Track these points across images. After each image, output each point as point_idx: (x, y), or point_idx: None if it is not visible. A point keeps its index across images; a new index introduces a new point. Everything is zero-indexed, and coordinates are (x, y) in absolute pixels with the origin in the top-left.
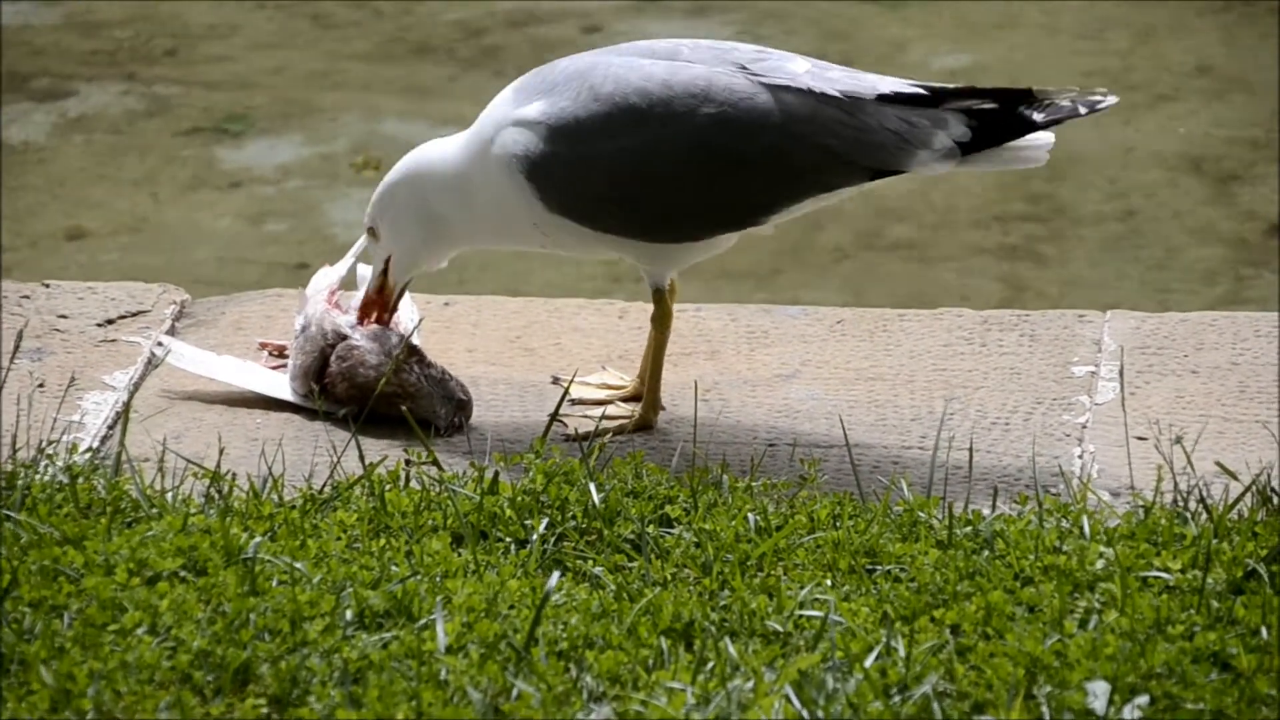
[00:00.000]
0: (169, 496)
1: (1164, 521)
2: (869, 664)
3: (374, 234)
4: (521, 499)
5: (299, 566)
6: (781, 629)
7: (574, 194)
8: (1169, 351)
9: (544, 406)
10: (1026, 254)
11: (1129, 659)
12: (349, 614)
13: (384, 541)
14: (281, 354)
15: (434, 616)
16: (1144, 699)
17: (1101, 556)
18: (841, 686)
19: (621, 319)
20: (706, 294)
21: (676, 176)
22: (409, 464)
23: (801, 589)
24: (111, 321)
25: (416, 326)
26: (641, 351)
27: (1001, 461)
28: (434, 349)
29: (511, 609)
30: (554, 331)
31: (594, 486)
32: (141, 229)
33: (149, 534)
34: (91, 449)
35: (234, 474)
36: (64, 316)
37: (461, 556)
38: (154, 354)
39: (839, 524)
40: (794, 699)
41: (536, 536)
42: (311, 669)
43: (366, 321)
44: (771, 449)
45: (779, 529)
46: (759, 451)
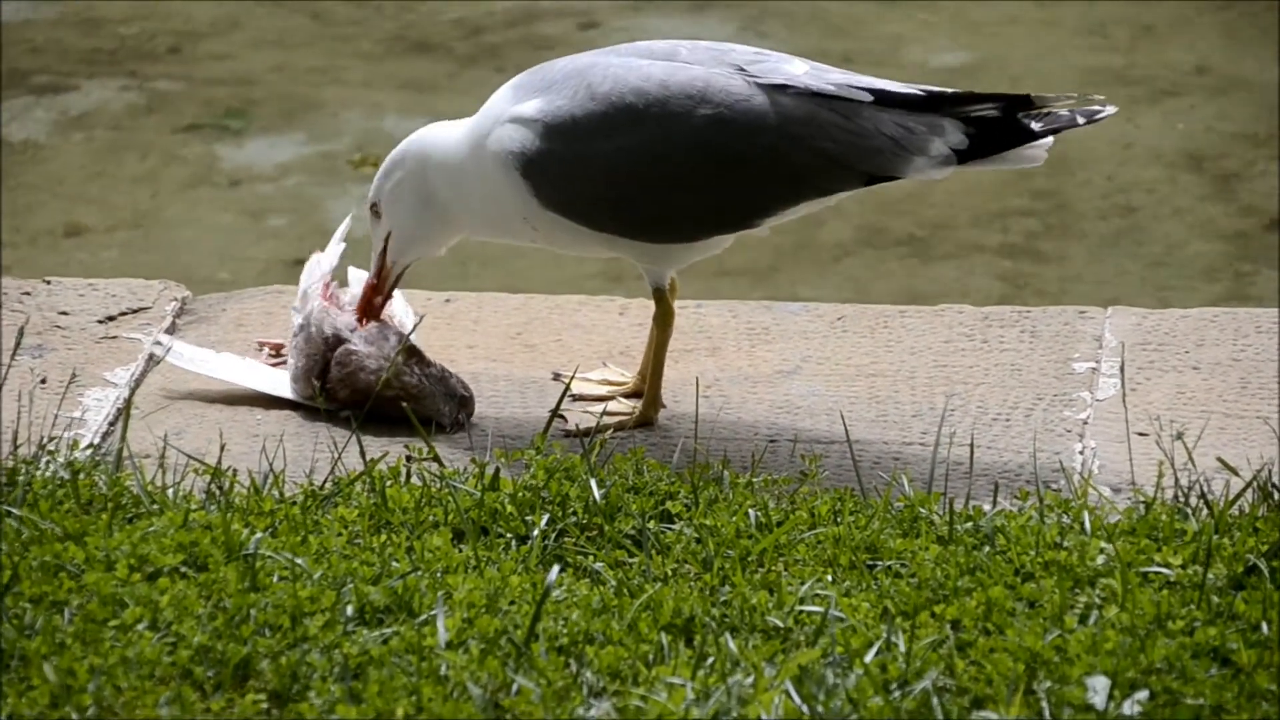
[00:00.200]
0: (170, 492)
1: (1165, 517)
2: (869, 659)
3: (376, 212)
4: (522, 495)
5: (300, 562)
6: (782, 624)
7: (569, 192)
8: (1170, 348)
9: (545, 403)
10: (1027, 250)
11: (1129, 654)
12: (350, 610)
13: (385, 537)
14: (279, 352)
15: (434, 612)
16: (1144, 694)
17: (1102, 552)
18: (842, 682)
19: (622, 315)
20: (707, 291)
21: (672, 177)
22: (410, 460)
23: (802, 584)
24: (112, 318)
25: (415, 327)
26: (642, 348)
27: (1002, 457)
28: (435, 345)
29: (512, 605)
30: (555, 328)
31: (595, 482)
32: (142, 226)
33: (150, 530)
34: (93, 445)
35: (235, 470)
36: (65, 313)
37: (462, 552)
38: (154, 354)
39: (840, 520)
40: (794, 694)
41: (537, 532)
42: (312, 664)
43: (365, 322)
44: (772, 445)
45: (780, 525)
46: (760, 447)
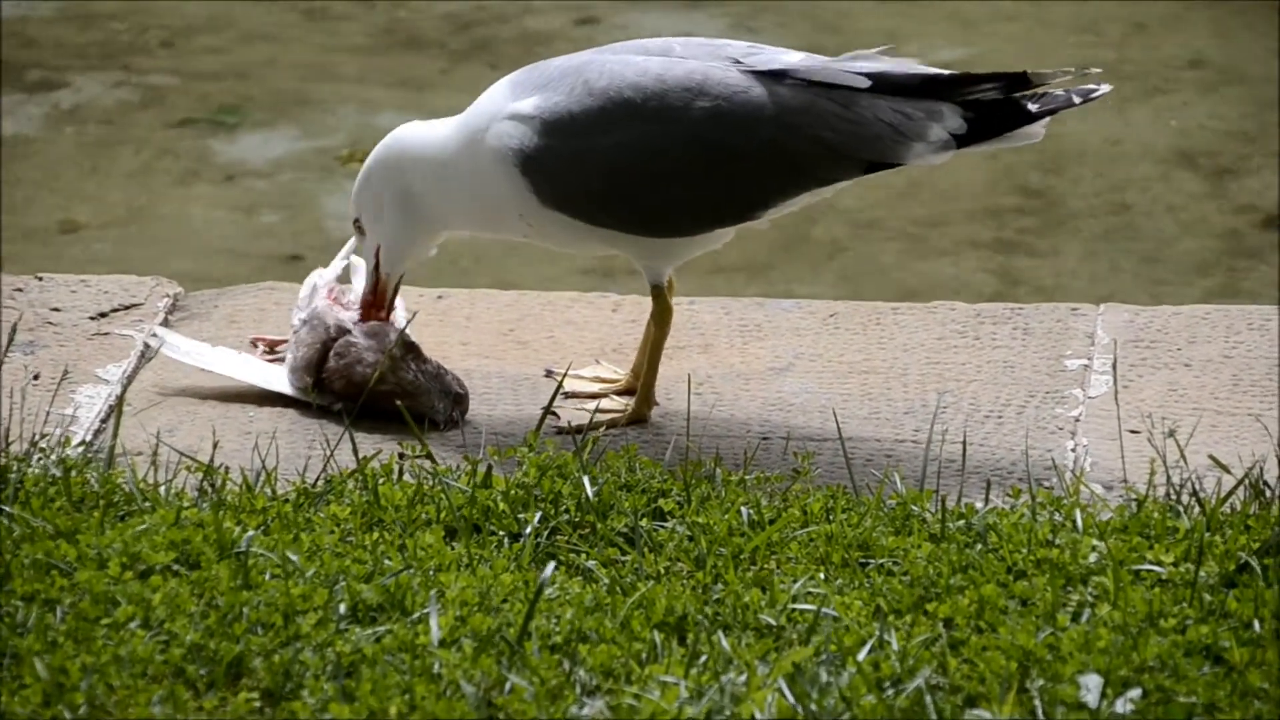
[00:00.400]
0: (162, 490)
1: (1156, 515)
2: (862, 657)
3: (359, 228)
4: (515, 492)
5: (292, 560)
6: (774, 622)
7: (568, 189)
8: (1162, 345)
9: (537, 400)
10: (1020, 247)
11: (1121, 652)
12: (342, 608)
13: (377, 535)
14: (274, 349)
15: (427, 610)
16: (1136, 692)
17: (1094, 550)
18: (834, 680)
19: (615, 312)
20: (700, 287)
21: (671, 171)
22: (403, 457)
23: (794, 582)
24: (104, 315)
25: (409, 322)
26: (635, 345)
27: (994, 455)
28: (427, 342)
29: (505, 603)
30: (547, 325)
31: (587, 480)
32: (135, 222)
33: (142, 527)
34: (84, 442)
35: (227, 467)
36: (57, 310)
37: (455, 550)
38: (148, 345)
39: (832, 517)
40: (787, 692)
41: (530, 530)
42: (304, 663)
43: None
44: (765, 442)
45: (772, 522)
46: (752, 445)
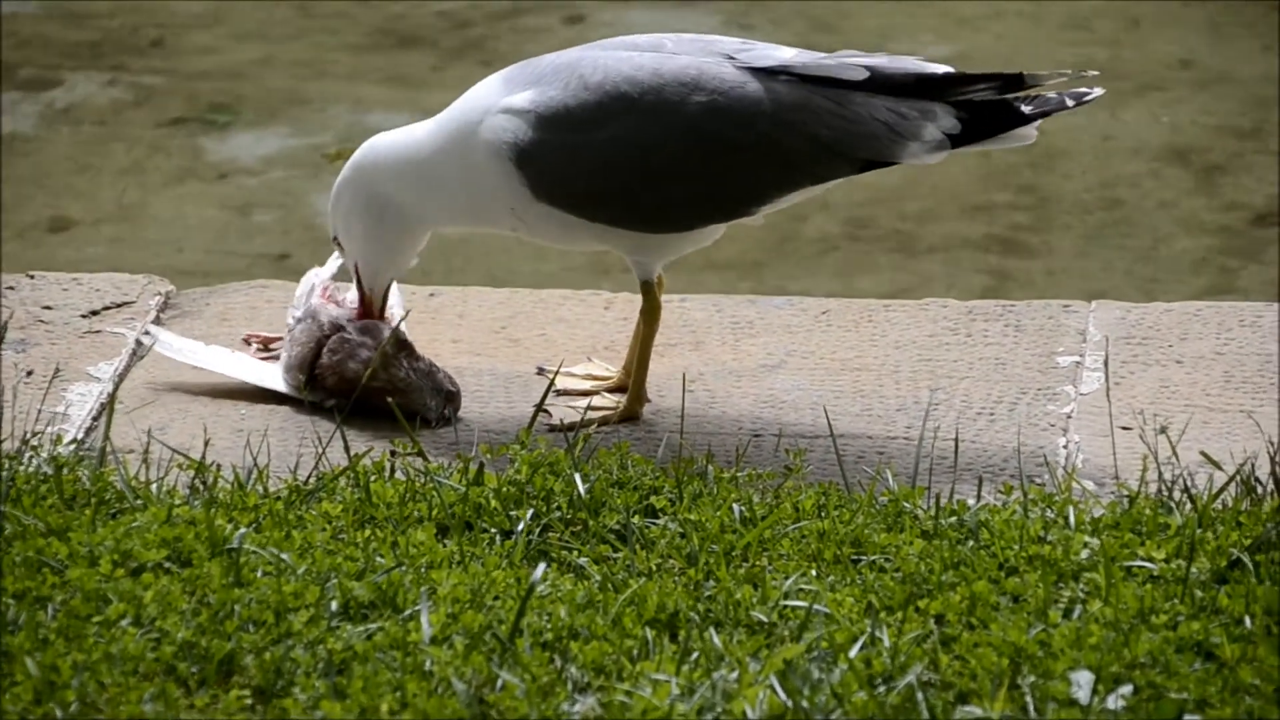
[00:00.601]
0: (154, 488)
1: (1148, 511)
2: (854, 654)
3: (339, 245)
4: (507, 490)
5: (284, 557)
6: (766, 619)
7: (564, 183)
8: (1154, 341)
9: (529, 397)
10: (1012, 244)
11: (1113, 649)
12: (334, 605)
13: (369, 533)
14: (267, 347)
15: (419, 607)
16: (1128, 688)
17: (1086, 546)
18: (826, 677)
19: (607, 310)
20: (692, 285)
21: (667, 166)
22: (394, 455)
23: (786, 579)
24: (96, 313)
25: (401, 320)
26: (627, 342)
27: (986, 452)
28: (419, 340)
29: (496, 600)
30: (539, 322)
31: (579, 477)
32: (127, 220)
33: (133, 525)
34: (76, 440)
35: (219, 465)
36: (49, 308)
37: (446, 547)
38: (140, 343)
39: (824, 514)
40: (779, 689)
41: (522, 527)
42: (296, 660)
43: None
44: (757, 439)
45: (764, 519)
46: (744, 442)
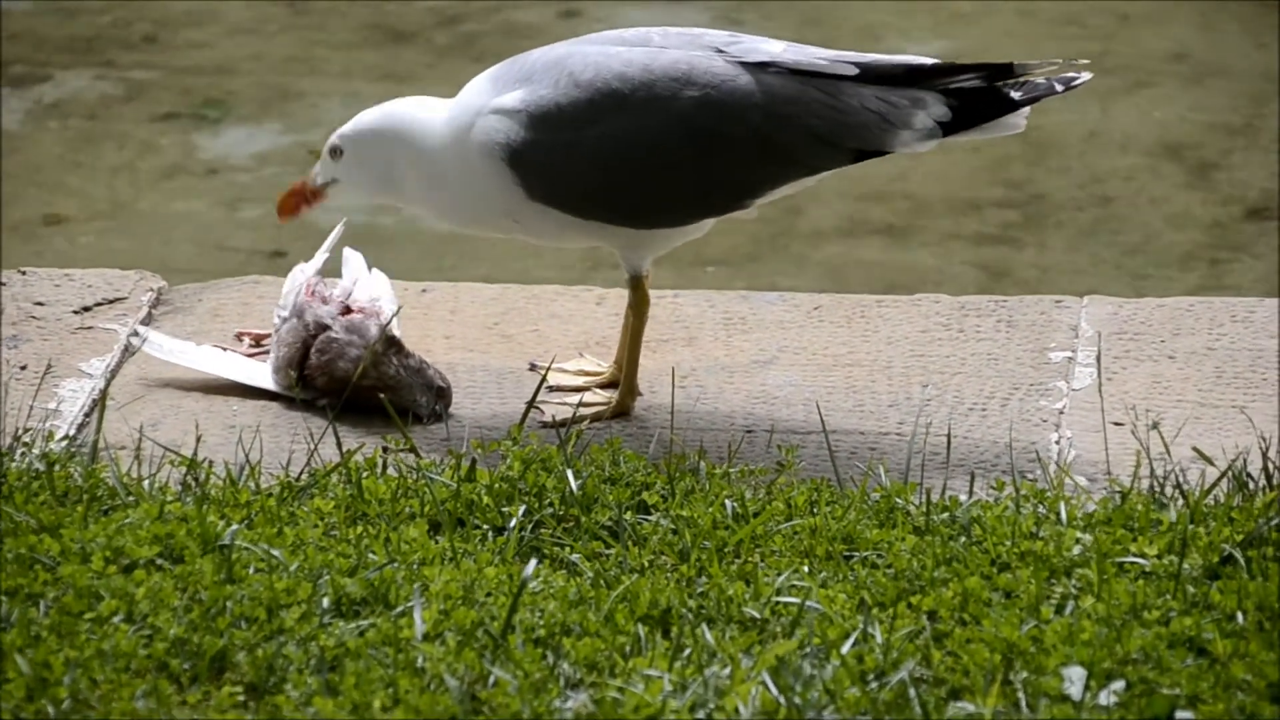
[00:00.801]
0: (146, 484)
1: (1140, 507)
2: (846, 650)
3: (336, 154)
4: (499, 486)
5: (276, 554)
6: (758, 615)
7: (556, 182)
8: (1146, 337)
9: (521, 393)
10: (1004, 240)
11: (1105, 644)
12: (326, 602)
13: (361, 529)
14: (259, 343)
15: (411, 604)
16: (1120, 684)
17: (1078, 542)
18: (818, 673)
19: (599, 305)
20: (684, 280)
21: (660, 161)
22: (386, 451)
23: (779, 575)
24: (88, 309)
25: (394, 316)
26: (619, 337)
27: (978, 447)
28: (412, 336)
29: (489, 596)
30: (532, 318)
31: (571, 473)
32: (118, 216)
33: (125, 522)
34: (68, 436)
35: (211, 461)
36: (40, 304)
37: (439, 544)
38: (130, 343)
39: (816, 510)
40: (771, 686)
41: (514, 524)
42: (288, 657)
43: (283, 217)
44: (749, 435)
45: (756, 515)
46: (736, 438)
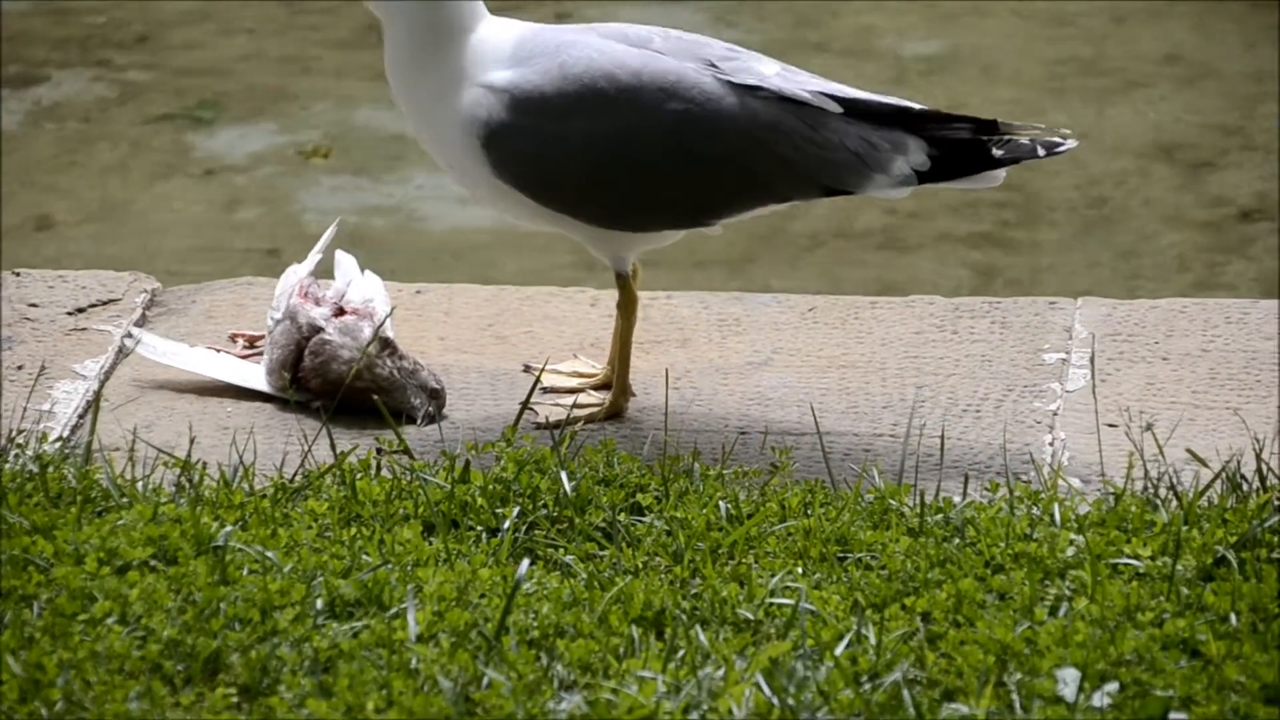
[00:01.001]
0: (139, 485)
1: (1134, 508)
2: (840, 652)
3: None
4: (493, 487)
5: (269, 555)
6: (752, 617)
7: (526, 167)
8: (1140, 338)
9: (515, 395)
10: (998, 241)
11: (1099, 646)
12: (320, 603)
13: (355, 530)
14: (253, 344)
15: (405, 605)
16: (1113, 686)
17: (1072, 544)
18: (812, 674)
19: (593, 307)
20: (678, 281)
21: (632, 167)
22: (380, 452)
23: (772, 577)
24: (82, 310)
25: (387, 317)
26: (612, 339)
27: (972, 449)
28: (405, 337)
29: (482, 598)
30: (526, 319)
31: (565, 475)
32: (112, 217)
33: (119, 523)
34: (62, 438)
35: (205, 463)
36: (34, 305)
37: (433, 545)
38: (124, 345)
39: (810, 512)
40: (765, 687)
41: (508, 525)
42: (282, 658)
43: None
44: (743, 437)
45: (750, 517)
46: (730, 439)
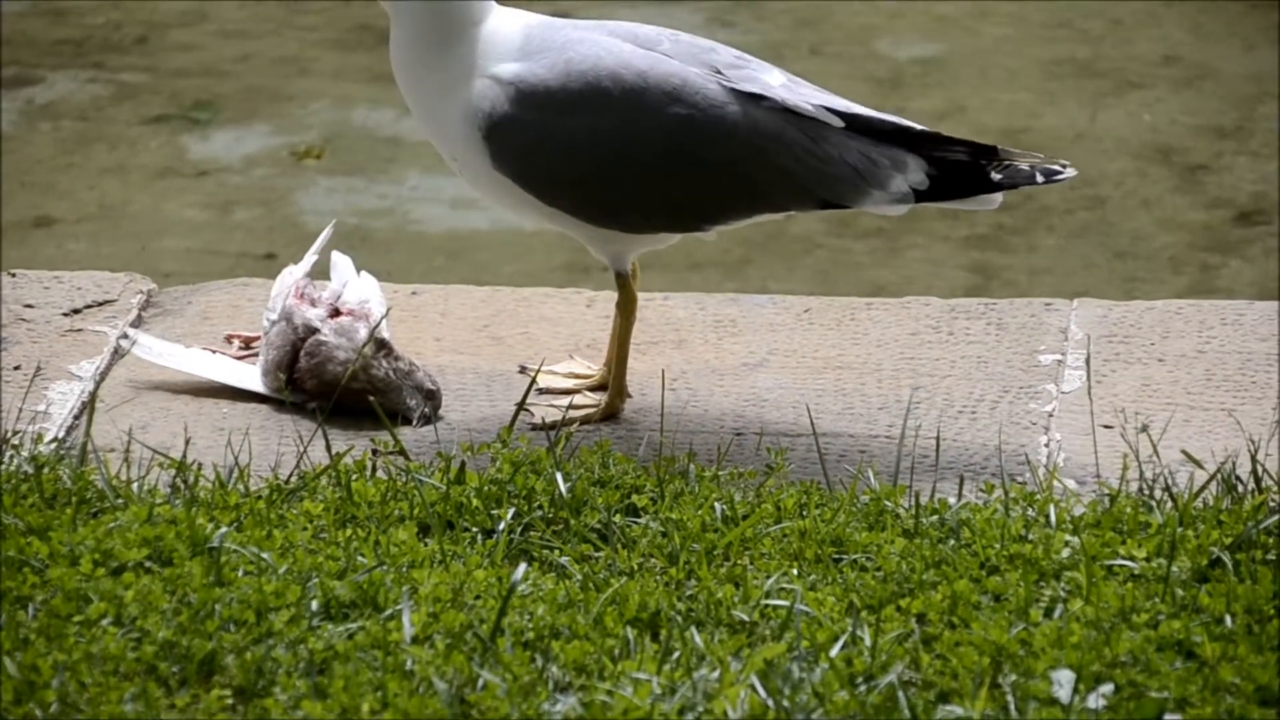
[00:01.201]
0: (135, 487)
1: (1129, 510)
2: (835, 653)
3: None
4: (488, 489)
5: (265, 557)
6: (747, 618)
7: (525, 162)
8: (1135, 340)
9: (511, 396)
10: (994, 243)
11: (1094, 647)
12: (315, 604)
13: (350, 532)
14: (249, 345)
15: (400, 607)
16: (1109, 687)
17: (1067, 545)
18: (807, 676)
19: (589, 308)
20: (674, 283)
21: (631, 168)
22: (376, 453)
23: (768, 578)
24: (78, 311)
25: (383, 318)
26: (609, 340)
27: (968, 450)
28: (401, 338)
29: (478, 599)
30: (522, 320)
31: (561, 476)
32: (108, 218)
33: (114, 524)
34: (57, 439)
35: (200, 464)
36: (30, 306)
37: (428, 546)
38: (120, 346)
39: (805, 513)
40: (760, 689)
41: (503, 526)
42: (277, 660)
43: None
44: (738, 438)
45: (745, 518)
46: (726, 440)
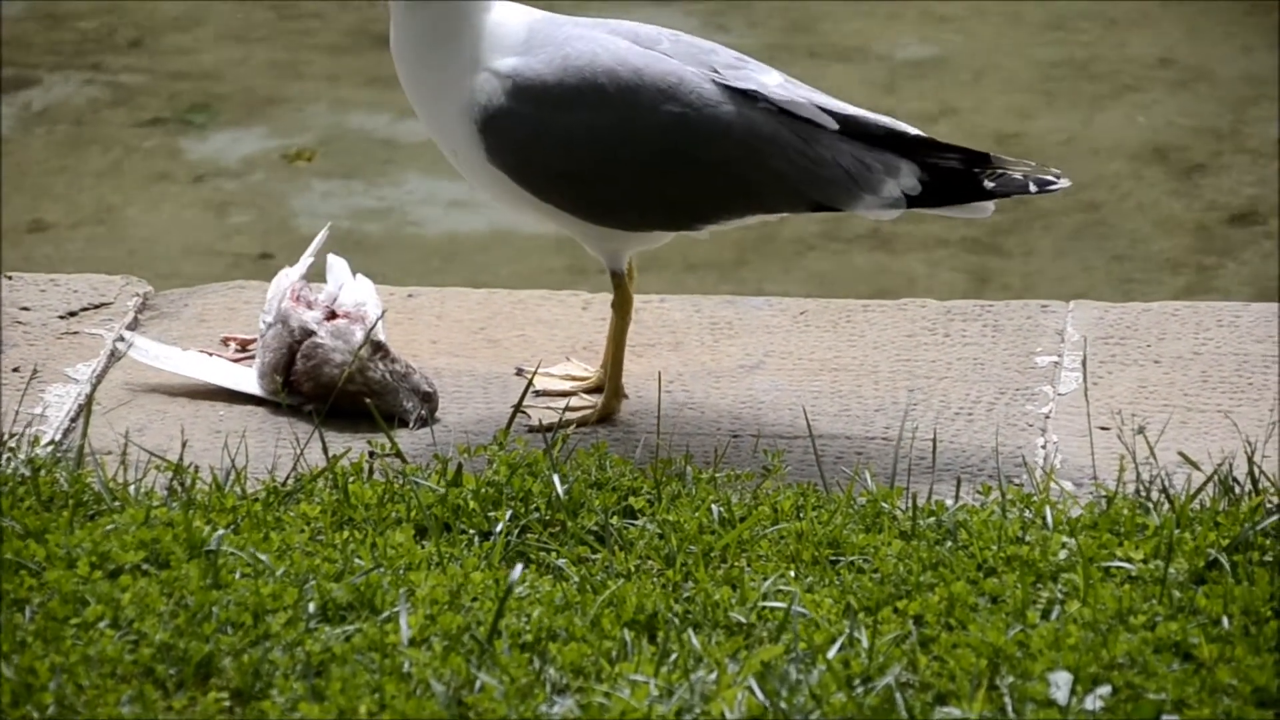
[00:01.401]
0: (132, 489)
1: (1126, 512)
2: (832, 655)
3: None
4: (485, 491)
5: (262, 559)
6: (745, 620)
7: (521, 156)
8: (1132, 341)
9: (508, 398)
10: (990, 245)
11: (1091, 649)
12: (312, 607)
13: (347, 534)
14: (245, 348)
15: (397, 609)
16: (1106, 689)
17: (1064, 547)
18: (804, 678)
19: (585, 310)
20: (670, 285)
21: (624, 165)
22: (372, 456)
23: (765, 580)
24: (74, 314)
25: (379, 320)
26: (605, 342)
27: (965, 452)
28: (398, 341)
29: (475, 601)
30: (518, 323)
31: (558, 478)
32: (104, 221)
33: (111, 527)
34: (54, 442)
35: (197, 466)
36: (26, 309)
37: (425, 549)
38: (116, 349)
39: (802, 515)
40: (757, 690)
41: (500, 528)
42: (274, 662)
43: None
44: (735, 440)
45: (742, 520)
46: (723, 443)
